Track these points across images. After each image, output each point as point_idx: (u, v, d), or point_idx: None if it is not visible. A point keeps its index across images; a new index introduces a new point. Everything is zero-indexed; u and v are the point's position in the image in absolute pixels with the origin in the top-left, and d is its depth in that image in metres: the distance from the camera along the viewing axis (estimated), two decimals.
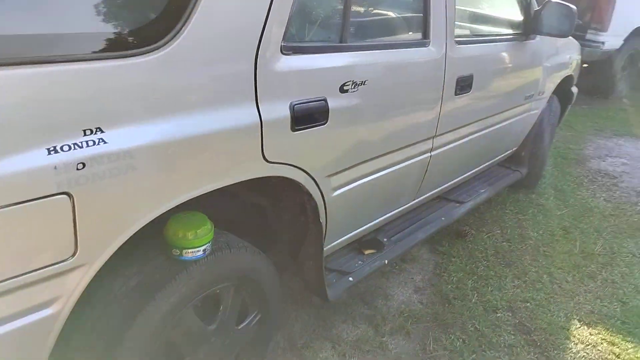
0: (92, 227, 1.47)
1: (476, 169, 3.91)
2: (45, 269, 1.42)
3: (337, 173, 2.35)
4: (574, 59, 4.73)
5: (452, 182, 3.63)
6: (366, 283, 3.31)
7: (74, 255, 1.46)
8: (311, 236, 2.44)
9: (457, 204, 3.70)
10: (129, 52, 1.47)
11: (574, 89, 5.02)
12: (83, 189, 1.41)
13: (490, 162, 4.10)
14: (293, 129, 1.99)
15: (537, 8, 3.70)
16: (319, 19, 2.20)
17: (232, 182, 1.85)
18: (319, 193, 2.28)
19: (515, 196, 4.76)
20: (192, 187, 1.71)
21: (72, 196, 1.39)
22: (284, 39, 1.89)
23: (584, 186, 5.19)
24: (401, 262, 3.62)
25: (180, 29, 1.57)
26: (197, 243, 1.90)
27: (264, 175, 1.96)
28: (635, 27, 7.68)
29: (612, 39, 7.33)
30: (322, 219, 2.38)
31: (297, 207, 2.39)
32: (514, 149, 4.43)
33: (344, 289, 2.67)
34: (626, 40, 7.68)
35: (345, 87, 2.18)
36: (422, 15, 2.69)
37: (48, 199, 1.35)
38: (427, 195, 3.37)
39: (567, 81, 4.69)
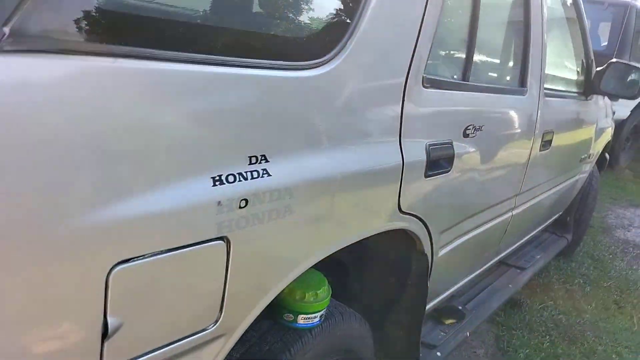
0: (241, 283, 1.12)
1: (534, 232, 3.67)
2: (182, 342, 1.04)
3: (448, 229, 2.05)
4: (611, 123, 4.65)
5: (517, 244, 3.36)
6: None
7: (216, 322, 1.10)
8: (409, 302, 2.10)
9: (519, 270, 3.43)
10: (297, 63, 1.18)
11: (607, 155, 4.92)
12: (241, 234, 1.07)
13: (544, 225, 3.87)
14: (426, 175, 1.70)
15: (599, 68, 3.59)
16: (449, 54, 1.96)
17: (368, 235, 1.52)
18: (430, 251, 1.96)
19: (556, 264, 4.51)
20: (339, 237, 1.38)
21: (230, 243, 1.05)
22: (425, 69, 1.63)
23: (619, 257, 4.99)
24: None
25: (345, 44, 1.29)
26: (315, 307, 1.55)
27: (391, 229, 1.64)
28: None
29: (621, 108, 7.41)
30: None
31: (394, 267, 2.06)
32: (560, 213, 4.23)
33: None
34: (633, 111, 7.79)
35: (467, 131, 1.93)
36: (521, 61, 2.50)
37: (205, 245, 1.01)
38: (500, 256, 3.09)
39: (605, 146, 4.58)
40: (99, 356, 0.89)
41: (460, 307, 2.71)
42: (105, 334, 0.88)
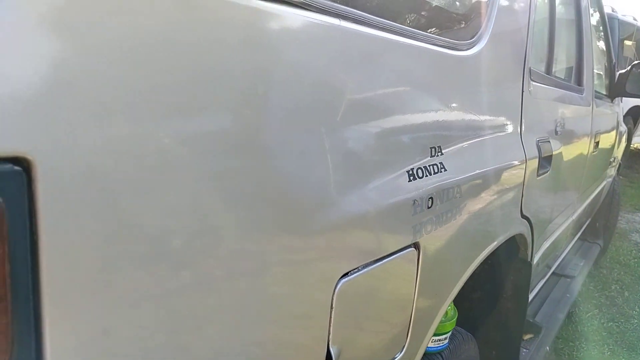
0: (424, 300, 0.95)
1: (576, 238, 3.58)
2: None
3: (542, 234, 1.92)
4: (625, 127, 4.66)
5: (566, 252, 3.26)
6: None
7: (402, 349, 0.92)
8: (505, 317, 1.94)
9: (569, 279, 3.31)
10: (458, 42, 1.05)
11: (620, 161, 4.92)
12: (428, 240, 0.91)
13: (581, 230, 3.78)
14: (538, 174, 1.57)
15: (622, 71, 3.58)
16: (540, 51, 1.86)
17: (502, 241, 1.37)
18: (531, 258, 1.82)
19: (587, 272, 4.42)
20: (490, 241, 1.23)
21: (419, 250, 0.89)
22: (530, 62, 1.52)
23: None
24: None
25: (485, 31, 1.17)
26: (445, 328, 1.39)
27: (512, 234, 1.50)
28: (630, 106, 7.97)
29: None
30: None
31: (490, 279, 1.91)
32: (589, 219, 4.15)
33: None
34: (622, 117, 7.92)
35: (557, 128, 1.82)
36: (577, 60, 2.43)
37: (401, 253, 0.84)
38: (557, 264, 2.98)
39: (624, 150, 4.57)
40: None
41: (532, 321, 2.56)
42: None
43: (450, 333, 1.41)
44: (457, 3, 1.24)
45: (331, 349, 0.70)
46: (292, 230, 0.61)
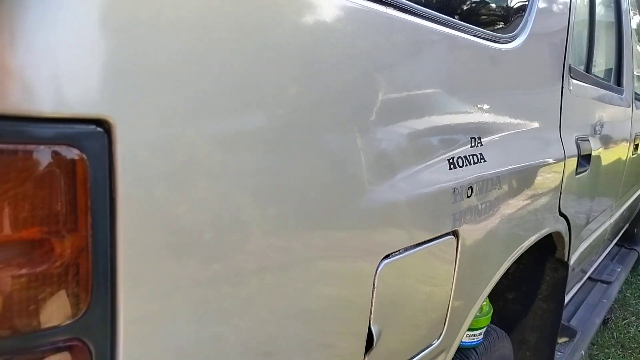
0: (461, 288, 0.96)
1: (613, 243, 3.50)
2: (415, 359, 0.88)
3: (584, 238, 1.90)
4: None
5: (602, 257, 3.19)
6: None
7: (440, 336, 0.94)
8: (540, 319, 1.91)
9: (605, 284, 3.24)
10: (500, 35, 1.06)
11: None
12: (467, 229, 0.92)
13: (619, 236, 3.70)
14: (576, 172, 1.55)
15: None
16: (579, 48, 1.85)
17: (539, 237, 1.37)
18: (567, 258, 1.80)
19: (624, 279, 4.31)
20: (527, 236, 1.23)
21: (458, 238, 0.90)
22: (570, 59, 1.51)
23: None
24: None
25: (525, 25, 1.18)
26: (480, 323, 1.38)
27: (550, 232, 1.49)
28: None
29: None
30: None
31: (524, 279, 1.89)
32: (627, 225, 4.06)
33: None
34: None
35: (596, 128, 1.79)
36: (617, 60, 2.39)
37: (441, 240, 0.86)
38: (591, 270, 2.92)
39: None
40: None
41: (567, 325, 2.52)
42: (369, 346, 0.73)
43: (484, 329, 1.41)
44: None
45: (372, 328, 0.72)
46: (339, 211, 0.63)
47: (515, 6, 1.21)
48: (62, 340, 0.40)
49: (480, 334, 1.40)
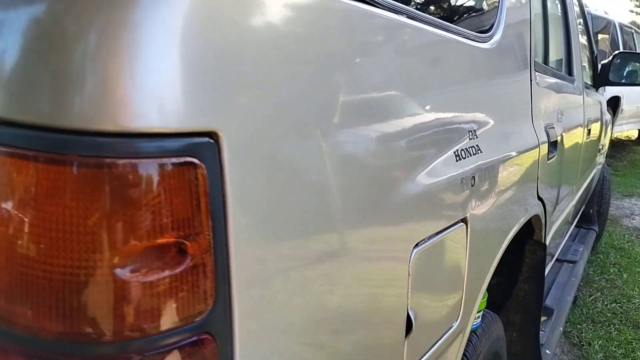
0: (472, 271, 1.03)
1: (574, 223, 3.69)
2: (440, 341, 0.94)
3: (554, 220, 2.02)
4: (610, 117, 4.82)
5: (565, 238, 3.37)
6: None
7: (457, 318, 1.00)
8: (523, 299, 2.02)
9: (571, 264, 3.42)
10: (480, 35, 1.14)
11: None
12: (474, 215, 0.99)
13: (577, 218, 3.90)
14: (548, 158, 1.67)
15: (605, 61, 3.73)
16: (540, 42, 1.97)
17: (523, 222, 1.46)
18: (544, 239, 1.91)
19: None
20: (518, 220, 1.31)
21: (467, 225, 0.97)
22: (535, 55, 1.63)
23: (636, 243, 5.09)
24: None
25: (499, 24, 1.27)
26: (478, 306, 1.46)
27: (531, 216, 1.59)
28: (609, 97, 8.21)
29: None
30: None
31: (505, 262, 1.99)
32: (583, 206, 4.28)
33: None
34: None
35: (559, 116, 1.92)
36: (566, 51, 2.55)
37: (455, 227, 0.92)
38: (557, 253, 3.08)
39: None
40: (403, 355, 0.78)
41: (543, 304, 2.65)
42: (408, 330, 0.78)
43: (482, 312, 1.48)
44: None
45: (410, 313, 0.78)
46: (380, 206, 0.69)
47: (488, 6, 1.31)
48: (197, 334, 0.43)
49: (478, 317, 1.47)
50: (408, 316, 0.78)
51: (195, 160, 0.43)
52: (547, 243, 2.05)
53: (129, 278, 0.40)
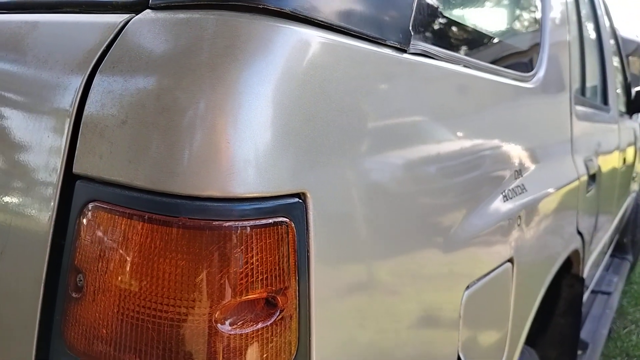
0: (518, 311, 1.02)
1: (608, 254, 3.62)
2: None
3: (591, 252, 1.99)
4: None
5: (600, 268, 3.30)
6: None
7: (502, 357, 0.99)
8: (559, 334, 1.99)
9: (606, 295, 3.34)
10: (523, 74, 1.15)
11: None
12: (519, 254, 0.99)
13: (612, 247, 3.82)
14: (587, 191, 1.65)
15: (638, 88, 3.68)
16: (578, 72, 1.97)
17: (562, 262, 1.44)
18: (582, 273, 1.88)
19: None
20: (561, 257, 1.30)
21: (513, 264, 0.97)
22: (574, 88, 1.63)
23: None
24: None
25: (540, 62, 1.28)
26: None
27: (571, 251, 1.57)
28: None
29: None
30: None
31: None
32: (617, 235, 4.19)
33: None
34: None
35: (596, 147, 1.91)
36: (601, 80, 2.54)
37: (502, 267, 0.93)
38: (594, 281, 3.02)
39: None
40: None
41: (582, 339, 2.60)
42: None
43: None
44: (514, 36, 1.34)
45: (460, 355, 0.78)
46: (434, 249, 0.70)
47: (531, 45, 1.32)
48: None
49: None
50: (459, 358, 0.78)
51: (286, 220, 0.46)
52: (585, 276, 2.02)
53: (229, 331, 0.42)
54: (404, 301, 0.64)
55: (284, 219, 0.46)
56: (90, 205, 0.46)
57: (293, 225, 0.46)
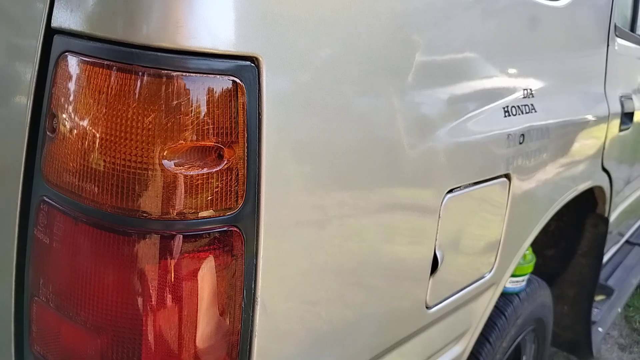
0: (512, 226, 1.05)
1: None
2: (469, 288, 0.99)
3: (624, 197, 1.95)
4: None
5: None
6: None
7: (491, 269, 1.03)
8: (579, 274, 1.99)
9: None
10: None
11: None
12: (518, 172, 1.00)
13: None
14: (620, 129, 1.61)
15: None
16: (629, 8, 1.87)
17: (582, 190, 1.44)
18: (608, 213, 1.85)
19: None
20: (573, 186, 1.30)
21: (510, 180, 0.99)
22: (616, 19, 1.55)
23: None
24: None
25: None
26: (524, 270, 1.47)
27: (593, 186, 1.55)
28: None
29: None
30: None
31: (565, 234, 1.95)
32: None
33: (598, 342, 2.18)
34: None
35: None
36: None
37: (496, 181, 0.95)
38: (629, 234, 2.96)
39: None
40: (426, 291, 0.84)
41: (604, 284, 2.58)
42: (433, 269, 0.83)
43: (527, 276, 1.49)
44: None
45: (437, 253, 0.83)
46: (413, 150, 0.74)
47: None
48: (226, 226, 0.52)
49: (523, 280, 1.49)
50: (435, 256, 0.83)
51: (237, 80, 0.51)
52: (612, 219, 1.99)
53: (174, 170, 0.49)
54: (373, 187, 0.68)
55: (234, 79, 0.51)
56: (63, 56, 0.53)
57: (244, 86, 0.51)
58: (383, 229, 0.73)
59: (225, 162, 0.51)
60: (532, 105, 1.03)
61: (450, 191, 0.83)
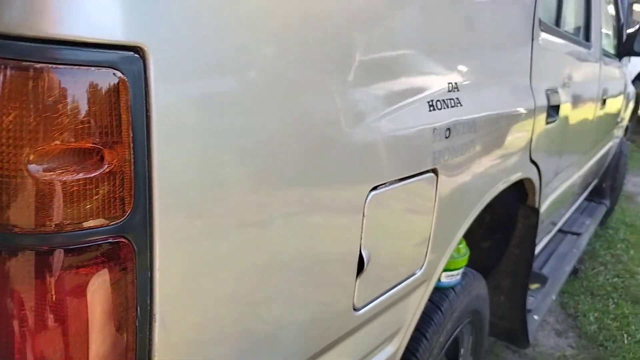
0: (441, 222, 1.04)
1: (582, 197, 3.65)
2: (399, 286, 0.97)
3: (554, 188, 2.01)
4: (634, 89, 4.68)
5: (571, 210, 3.35)
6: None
7: (422, 266, 1.02)
8: (513, 264, 2.03)
9: (575, 236, 3.40)
10: None
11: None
12: (445, 167, 0.99)
13: (588, 190, 3.85)
14: (546, 122, 1.64)
15: (630, 30, 3.60)
16: (554, 3, 1.91)
17: (510, 184, 1.45)
18: (538, 204, 1.90)
19: (594, 232, 4.50)
20: (500, 179, 1.31)
21: (438, 175, 0.98)
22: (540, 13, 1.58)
23: None
24: None
25: None
26: (458, 264, 1.48)
27: (521, 178, 1.58)
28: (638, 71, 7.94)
29: None
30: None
31: (497, 226, 1.99)
32: (596, 179, 4.22)
33: (535, 329, 2.24)
34: (632, 82, 7.89)
35: (565, 81, 1.88)
36: (585, 16, 2.47)
37: (422, 176, 0.93)
38: (561, 223, 3.06)
39: (633, 111, 4.61)
40: (353, 293, 0.81)
41: (538, 272, 2.67)
42: (360, 269, 0.80)
43: (462, 270, 1.50)
44: None
45: (363, 252, 0.80)
46: (332, 146, 0.70)
47: None
48: (112, 237, 0.46)
49: (458, 274, 1.49)
50: (361, 256, 0.80)
51: (118, 73, 0.45)
52: (542, 209, 2.04)
53: (43, 176, 0.43)
54: (288, 189, 0.64)
55: (114, 71, 0.45)
56: None
57: (127, 80, 0.45)
58: (302, 230, 0.69)
59: (107, 165, 0.45)
60: (457, 99, 1.02)
61: (375, 188, 0.80)
